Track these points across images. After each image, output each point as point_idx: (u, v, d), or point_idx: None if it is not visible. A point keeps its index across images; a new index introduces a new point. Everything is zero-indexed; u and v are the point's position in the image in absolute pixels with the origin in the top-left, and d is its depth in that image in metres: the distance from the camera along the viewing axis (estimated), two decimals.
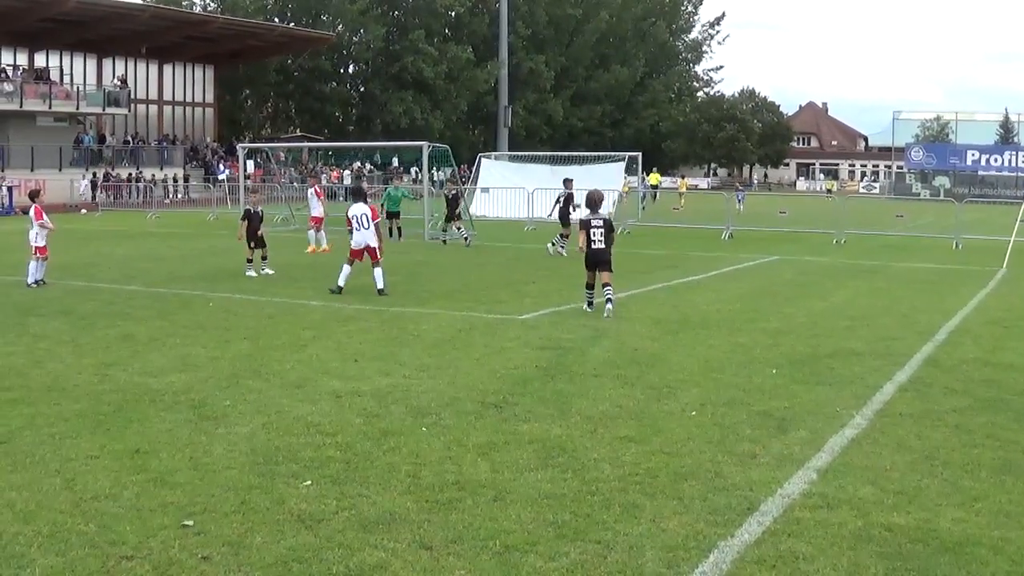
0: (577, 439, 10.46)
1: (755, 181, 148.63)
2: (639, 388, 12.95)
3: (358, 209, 22.87)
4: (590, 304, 20.11)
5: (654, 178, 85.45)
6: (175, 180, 76.02)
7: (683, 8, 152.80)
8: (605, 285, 19.72)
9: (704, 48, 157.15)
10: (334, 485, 8.90)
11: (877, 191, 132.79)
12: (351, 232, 22.76)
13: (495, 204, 54.21)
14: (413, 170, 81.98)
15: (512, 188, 51.95)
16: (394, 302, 20.80)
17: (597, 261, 19.99)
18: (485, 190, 56.67)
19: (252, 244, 26.31)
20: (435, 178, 74.20)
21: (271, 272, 25.59)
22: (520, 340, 16.35)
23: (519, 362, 14.54)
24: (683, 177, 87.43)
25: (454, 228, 37.17)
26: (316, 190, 36.03)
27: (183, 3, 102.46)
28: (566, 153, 68.69)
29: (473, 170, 64.74)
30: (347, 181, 78.61)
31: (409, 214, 41.76)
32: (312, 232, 33.62)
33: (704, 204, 71.69)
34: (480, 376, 13.53)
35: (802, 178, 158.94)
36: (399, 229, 39.45)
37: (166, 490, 8.73)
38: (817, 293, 23.77)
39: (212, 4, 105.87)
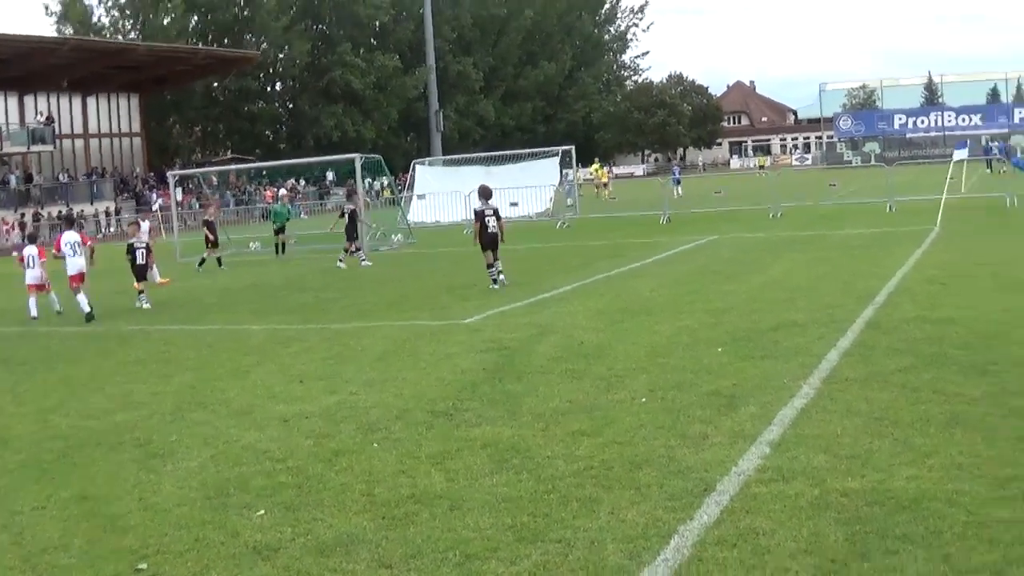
0: (530, 439, 10.42)
1: (701, 164, 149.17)
2: (587, 381, 12.94)
3: (70, 237, 24.50)
4: (495, 282, 23.50)
5: (597, 170, 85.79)
6: (107, 214, 75.43)
7: None
8: (497, 260, 23.70)
9: (629, 37, 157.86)
10: (288, 512, 8.79)
11: (810, 162, 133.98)
12: (64, 259, 24.08)
13: (433, 210, 54.30)
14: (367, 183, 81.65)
15: (448, 192, 51.95)
16: (335, 318, 20.74)
17: (493, 244, 23.68)
18: (422, 197, 56.70)
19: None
20: (372, 188, 74.17)
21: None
22: (465, 344, 16.30)
23: (466, 367, 14.49)
24: (601, 166, 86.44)
25: (356, 251, 34.02)
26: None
27: (104, 33, 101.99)
28: (500, 153, 68.79)
29: (408, 177, 64.73)
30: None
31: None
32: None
33: (641, 191, 71.98)
34: (428, 385, 13.47)
35: (735, 156, 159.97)
36: (283, 245, 39.89)
37: (117, 535, 8.57)
38: (756, 268, 23.88)
39: (133, 33, 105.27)
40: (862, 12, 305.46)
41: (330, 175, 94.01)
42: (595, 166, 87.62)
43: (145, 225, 30.92)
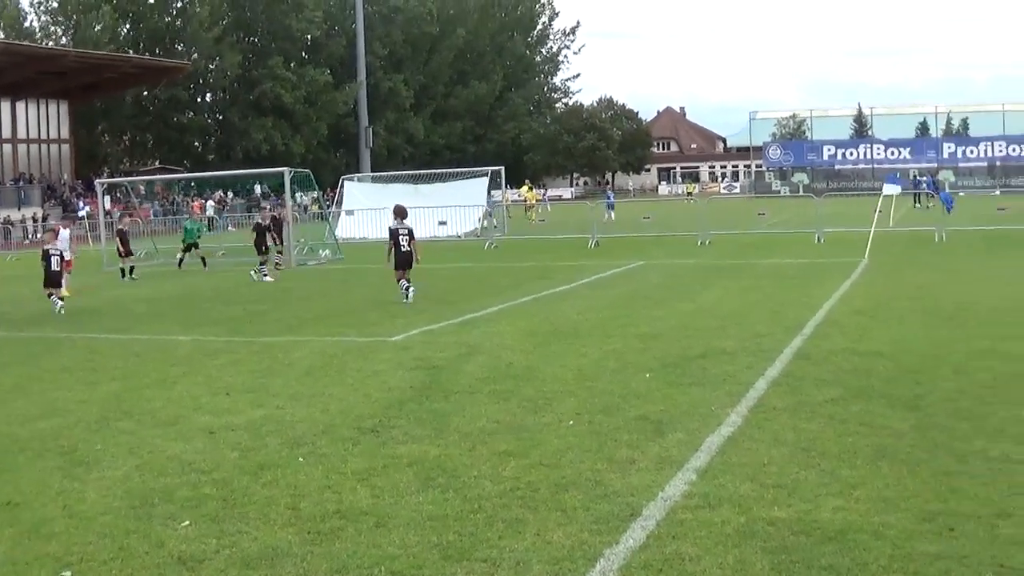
0: (456, 458, 10.39)
1: (632, 189, 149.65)
2: (515, 402, 12.91)
3: None
4: (406, 297, 24.02)
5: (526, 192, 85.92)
6: (34, 220, 74.66)
7: (538, 20, 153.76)
8: (407, 279, 24.25)
9: (560, 59, 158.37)
10: (213, 523, 8.72)
11: (738, 191, 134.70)
12: None
13: (361, 226, 54.18)
14: (299, 196, 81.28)
15: (377, 209, 51.87)
16: (264, 331, 20.61)
17: (406, 264, 24.34)
18: (350, 213, 56.57)
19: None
20: (299, 202, 73.88)
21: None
22: (393, 362, 16.23)
23: (393, 384, 14.43)
24: (531, 188, 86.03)
25: (260, 266, 33.41)
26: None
27: (35, 37, 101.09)
28: (429, 171, 68.82)
29: (337, 193, 64.59)
30: (210, 212, 77.71)
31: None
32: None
33: (569, 214, 72.10)
34: (355, 401, 13.40)
35: (664, 182, 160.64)
36: (203, 259, 39.66)
37: (41, 541, 8.47)
38: (685, 295, 23.95)
39: (64, 38, 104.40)
40: (793, 42, 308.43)
41: (258, 188, 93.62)
42: (525, 188, 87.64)
43: (65, 233, 30.67)
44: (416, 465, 10.16)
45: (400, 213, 25.15)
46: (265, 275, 32.65)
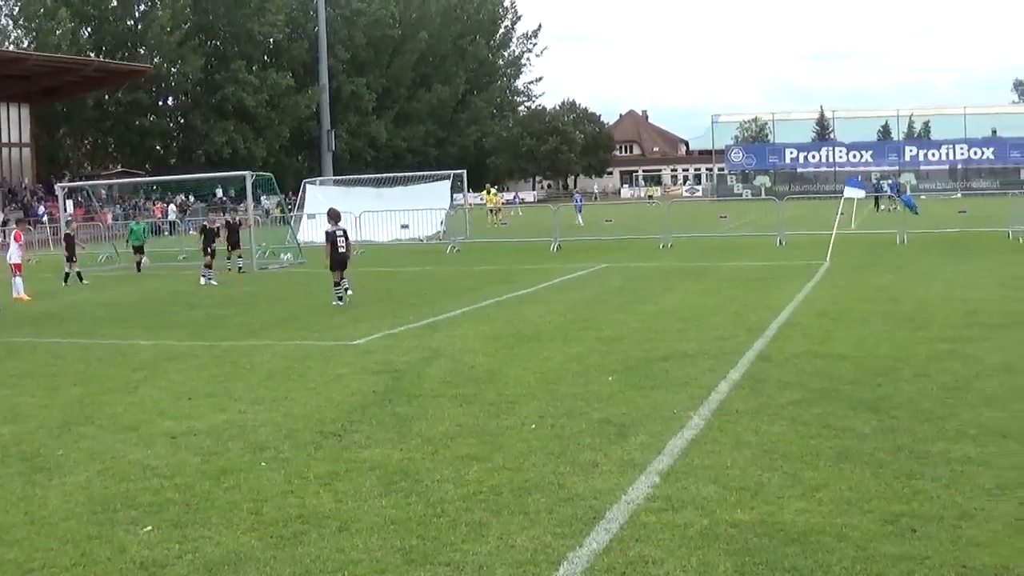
0: (419, 462, 10.37)
1: (596, 192, 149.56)
2: (477, 405, 12.90)
3: None
4: (340, 299, 24.91)
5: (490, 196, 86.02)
6: None
7: (500, 23, 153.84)
8: (343, 279, 25.18)
9: (523, 62, 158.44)
10: (175, 528, 8.67)
11: (700, 194, 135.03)
12: None
13: (323, 230, 53.95)
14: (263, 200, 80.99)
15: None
16: (226, 335, 20.53)
17: (342, 265, 25.22)
18: (312, 216, 56.39)
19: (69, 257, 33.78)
20: (263, 205, 73.68)
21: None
22: (355, 366, 16.20)
23: (356, 388, 14.40)
24: (495, 192, 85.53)
25: (205, 268, 33.54)
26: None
27: None
28: (391, 175, 68.78)
29: (299, 197, 64.45)
30: (171, 216, 77.42)
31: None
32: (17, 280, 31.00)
33: (532, 217, 72.16)
34: (317, 405, 13.36)
35: (626, 186, 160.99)
36: (138, 264, 39.50)
37: (3, 548, 8.42)
38: (648, 298, 23.99)
39: (25, 41, 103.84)
40: (755, 45, 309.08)
41: (219, 192, 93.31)
42: (488, 191, 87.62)
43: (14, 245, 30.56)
44: (379, 469, 10.14)
45: (335, 216, 26.18)
46: (210, 279, 32.53)
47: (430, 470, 10.06)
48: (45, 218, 72.63)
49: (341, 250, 25.23)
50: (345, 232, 25.98)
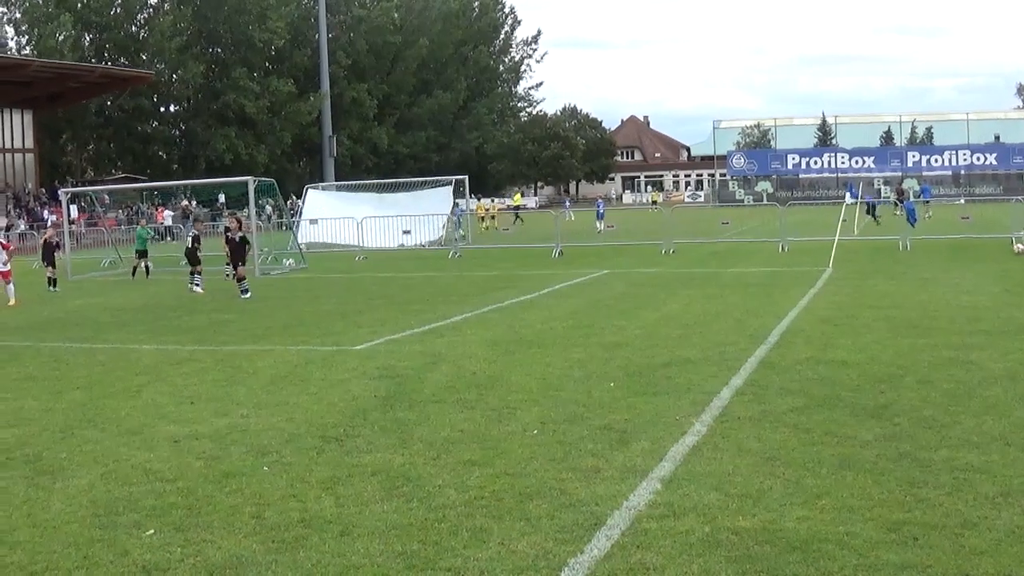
0: (421, 467, 10.36)
1: (614, 196, 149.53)
2: (479, 411, 12.89)
3: None
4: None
5: (517, 198, 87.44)
6: None
7: (501, 29, 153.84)
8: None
9: (523, 68, 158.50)
10: (178, 532, 8.67)
11: (702, 199, 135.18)
12: None
13: (325, 235, 54.18)
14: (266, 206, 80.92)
15: (341, 218, 51.87)
16: (228, 340, 20.54)
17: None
18: (314, 221, 56.47)
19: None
20: (266, 211, 73.74)
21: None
22: (357, 371, 16.20)
23: (358, 393, 14.40)
24: (480, 199, 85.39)
25: (192, 275, 33.13)
26: (2, 243, 33.99)
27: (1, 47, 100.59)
28: (393, 180, 68.81)
29: (301, 202, 64.49)
30: (168, 221, 77.43)
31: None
32: (9, 287, 30.61)
33: (532, 223, 72.13)
34: (319, 410, 13.36)
35: (628, 191, 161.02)
36: (146, 268, 39.50)
37: (5, 550, 8.42)
38: (650, 304, 23.97)
39: (28, 48, 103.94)
40: (757, 51, 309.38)
41: (222, 197, 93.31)
42: (517, 196, 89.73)
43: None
44: (380, 474, 10.13)
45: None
46: (197, 285, 32.51)
47: (432, 475, 10.04)
48: (50, 223, 72.68)
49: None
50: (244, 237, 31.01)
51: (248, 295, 29.15)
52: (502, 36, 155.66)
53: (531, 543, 8.05)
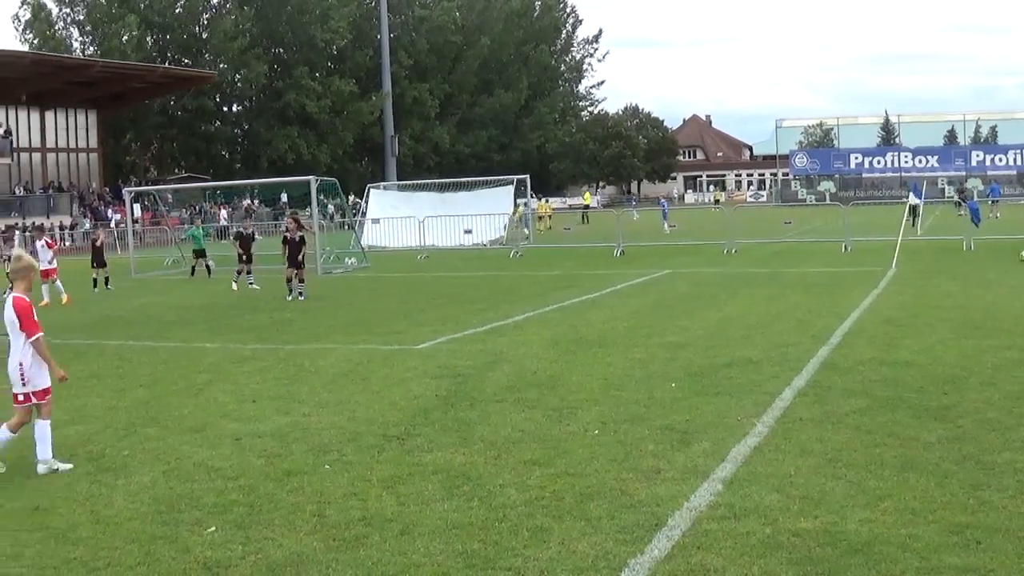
0: (481, 466, 10.38)
1: (676, 195, 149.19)
2: (540, 411, 12.90)
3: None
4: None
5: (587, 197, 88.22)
6: (61, 228, 74.85)
7: (563, 28, 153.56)
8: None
9: (585, 67, 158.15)
10: (239, 530, 8.74)
11: (764, 199, 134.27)
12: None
13: (386, 234, 54.34)
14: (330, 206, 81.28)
15: (403, 217, 51.98)
16: (290, 339, 20.64)
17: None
18: (376, 221, 56.65)
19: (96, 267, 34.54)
20: (328, 211, 74.03)
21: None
22: (419, 370, 16.24)
23: (419, 392, 14.44)
24: (540, 199, 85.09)
25: (246, 273, 34.45)
26: (47, 241, 34.44)
27: (63, 48, 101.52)
28: (454, 180, 68.86)
29: (363, 201, 64.66)
30: (223, 221, 77.88)
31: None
32: (57, 284, 31.61)
33: (594, 222, 71.99)
34: (380, 409, 13.41)
35: (690, 191, 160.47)
36: (208, 267, 39.77)
37: (68, 546, 8.51)
38: (712, 304, 23.88)
39: (91, 48, 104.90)
40: (820, 49, 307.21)
41: (284, 197, 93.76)
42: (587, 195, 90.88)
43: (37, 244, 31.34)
44: (441, 473, 10.16)
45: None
46: (252, 283, 33.55)
47: (492, 475, 10.07)
48: (113, 222, 73.36)
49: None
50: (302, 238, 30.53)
51: (298, 297, 29.18)
52: (563, 35, 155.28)
53: (591, 543, 8.05)
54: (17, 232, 36.22)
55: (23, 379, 10.95)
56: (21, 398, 11.05)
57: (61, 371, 11.15)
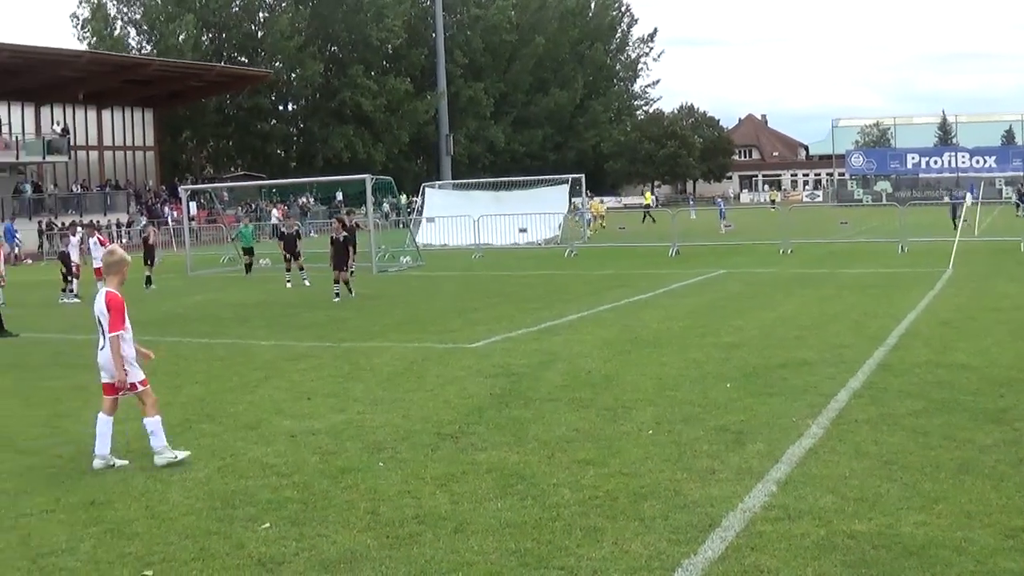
0: (535, 465, 10.40)
1: (732, 195, 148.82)
2: (594, 410, 12.90)
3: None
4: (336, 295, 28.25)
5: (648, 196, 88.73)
6: (118, 225, 75.32)
7: (618, 27, 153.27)
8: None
9: (640, 66, 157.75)
10: (293, 526, 8.79)
11: (820, 199, 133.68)
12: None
13: (441, 233, 54.45)
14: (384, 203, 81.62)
15: (458, 216, 52.04)
16: (345, 337, 20.73)
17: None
18: (431, 219, 56.78)
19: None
20: (383, 209, 74.21)
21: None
22: (473, 368, 16.29)
23: (473, 391, 14.48)
24: (593, 198, 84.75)
25: (298, 270, 35.01)
26: (100, 238, 34.85)
27: (125, 46, 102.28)
28: (509, 179, 68.88)
29: (418, 200, 64.81)
30: (273, 220, 78.11)
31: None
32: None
33: (649, 222, 71.85)
34: (435, 407, 13.45)
35: (745, 190, 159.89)
36: (248, 266, 40.23)
37: (124, 541, 8.59)
38: (767, 304, 23.82)
39: (148, 47, 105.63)
40: (876, 48, 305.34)
41: (339, 195, 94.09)
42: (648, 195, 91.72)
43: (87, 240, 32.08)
44: (495, 472, 10.19)
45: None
46: (305, 279, 34.30)
47: (546, 474, 10.08)
48: (170, 219, 73.81)
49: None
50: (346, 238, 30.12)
51: (333, 298, 28.58)
52: (619, 34, 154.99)
53: (645, 543, 8.05)
54: (79, 228, 36.41)
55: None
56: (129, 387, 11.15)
57: (123, 374, 11.17)
